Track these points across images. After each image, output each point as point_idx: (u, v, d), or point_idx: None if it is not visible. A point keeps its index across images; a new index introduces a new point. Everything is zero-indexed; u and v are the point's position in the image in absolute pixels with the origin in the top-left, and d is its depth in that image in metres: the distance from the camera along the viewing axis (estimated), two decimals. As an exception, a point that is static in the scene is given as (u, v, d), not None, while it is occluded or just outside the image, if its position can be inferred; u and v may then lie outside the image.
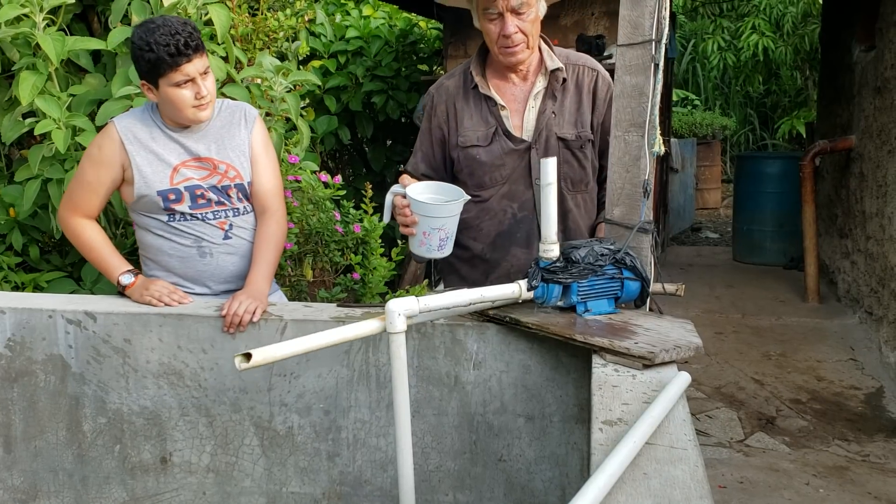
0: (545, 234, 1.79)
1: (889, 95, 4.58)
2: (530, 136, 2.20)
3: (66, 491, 2.13)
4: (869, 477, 3.13)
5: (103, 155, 2.14)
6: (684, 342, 1.64)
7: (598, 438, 1.28)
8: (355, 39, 5.40)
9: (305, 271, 3.33)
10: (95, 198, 2.18)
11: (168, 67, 2.00)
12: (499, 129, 2.20)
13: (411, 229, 1.98)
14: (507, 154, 2.20)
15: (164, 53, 1.98)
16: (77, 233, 2.20)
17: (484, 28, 2.12)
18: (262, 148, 2.27)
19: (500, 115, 2.20)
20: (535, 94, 2.20)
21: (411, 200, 1.95)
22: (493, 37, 2.10)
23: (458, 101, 2.24)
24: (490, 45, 2.14)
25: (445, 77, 2.33)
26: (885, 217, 4.56)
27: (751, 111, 13.31)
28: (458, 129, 2.23)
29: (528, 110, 2.20)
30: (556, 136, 2.19)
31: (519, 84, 2.22)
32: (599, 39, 5.04)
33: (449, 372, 1.93)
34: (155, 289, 2.09)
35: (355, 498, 2.03)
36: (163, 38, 1.97)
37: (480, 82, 2.21)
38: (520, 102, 2.21)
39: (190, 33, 2.01)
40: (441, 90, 2.29)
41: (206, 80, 2.08)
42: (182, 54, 1.99)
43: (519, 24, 2.07)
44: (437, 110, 2.27)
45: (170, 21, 2.02)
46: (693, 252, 8.07)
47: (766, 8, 11.00)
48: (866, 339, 4.81)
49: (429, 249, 1.99)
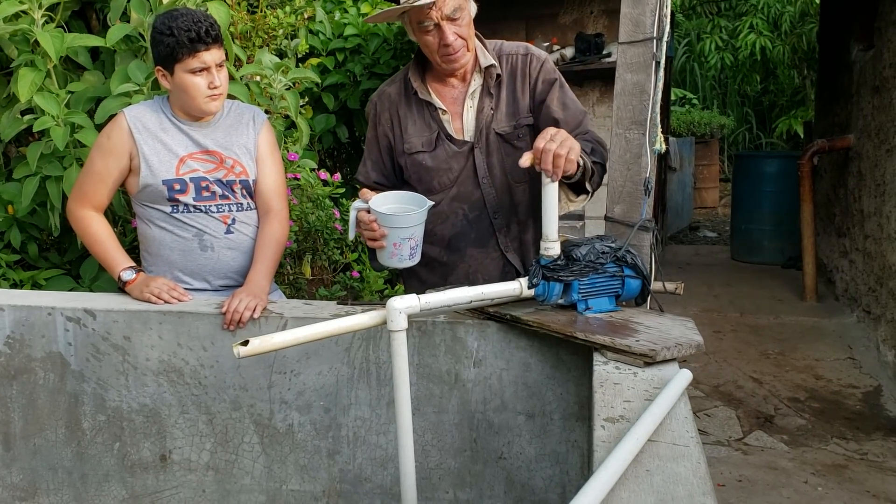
0: (546, 231, 1.79)
1: (887, 94, 4.59)
2: (472, 136, 2.17)
3: (65, 489, 2.13)
4: (867, 475, 3.14)
5: (112, 144, 2.16)
6: (685, 340, 1.64)
7: (601, 435, 1.28)
8: (353, 37, 5.39)
9: (304, 269, 3.33)
10: (104, 188, 2.20)
11: (186, 52, 2.05)
12: (441, 133, 2.17)
13: (381, 242, 1.95)
14: (452, 157, 2.17)
15: (185, 38, 2.04)
16: (84, 225, 2.22)
17: (421, 41, 2.08)
18: (268, 150, 2.30)
19: (441, 119, 2.18)
20: (472, 94, 2.18)
21: (377, 214, 1.93)
22: (432, 48, 2.07)
23: (400, 107, 2.22)
24: (431, 55, 2.10)
25: (386, 84, 2.32)
26: (883, 216, 4.57)
27: (748, 110, 13.33)
28: (402, 136, 2.21)
29: (467, 111, 2.18)
30: (495, 132, 2.16)
31: (458, 86, 2.19)
32: (598, 38, 5.03)
33: (449, 369, 1.93)
34: (155, 286, 2.09)
35: (355, 496, 2.03)
36: (185, 23, 2.04)
37: (420, 88, 2.18)
38: (458, 104, 2.19)
39: (211, 24, 2.09)
40: (383, 97, 2.26)
41: (220, 72, 2.13)
42: (201, 41, 2.05)
43: (456, 30, 2.04)
44: (380, 118, 2.25)
45: (193, 11, 2.10)
46: (691, 251, 8.08)
47: (763, 7, 11.02)
48: (864, 338, 4.82)
49: (401, 259, 1.98)
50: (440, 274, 2.26)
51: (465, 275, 2.22)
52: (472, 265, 2.23)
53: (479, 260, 2.22)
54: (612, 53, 4.94)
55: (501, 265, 2.24)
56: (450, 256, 2.24)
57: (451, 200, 2.20)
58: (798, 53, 10.80)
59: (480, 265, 2.22)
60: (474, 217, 2.21)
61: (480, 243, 2.22)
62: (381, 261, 2.02)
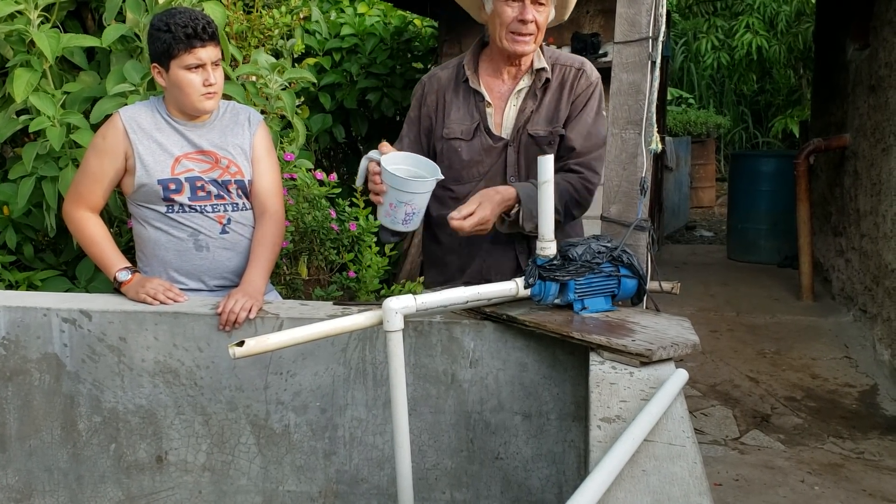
0: (542, 231, 1.78)
1: (883, 94, 4.59)
2: (509, 133, 2.20)
3: (60, 490, 2.12)
4: (864, 474, 3.14)
5: (107, 144, 2.16)
6: (681, 339, 1.64)
7: (597, 436, 1.28)
8: (350, 37, 5.39)
9: (301, 269, 3.33)
10: (99, 188, 2.20)
11: (182, 48, 2.07)
12: (481, 124, 2.20)
13: (379, 198, 1.98)
14: (486, 151, 2.20)
15: (181, 33, 2.06)
16: (80, 226, 2.22)
17: (498, 10, 2.08)
18: (264, 150, 2.31)
19: (485, 112, 2.21)
20: (518, 92, 2.20)
21: (383, 170, 1.94)
22: (506, 19, 2.07)
23: (448, 92, 2.25)
24: (498, 30, 2.11)
25: (440, 68, 2.34)
26: (880, 215, 4.57)
27: (745, 110, 13.35)
28: (444, 121, 2.24)
29: (509, 108, 2.21)
30: (528, 134, 2.18)
31: (508, 82, 2.22)
32: (595, 37, 5.04)
33: (446, 370, 1.93)
34: (150, 286, 2.09)
35: (352, 496, 2.02)
36: (182, 19, 2.07)
37: (472, 77, 2.21)
38: (503, 100, 2.22)
39: (208, 22, 2.11)
40: (433, 80, 2.29)
41: (216, 70, 2.14)
42: (198, 37, 2.07)
43: (536, 14, 2.07)
44: (426, 99, 2.28)
45: (191, 10, 2.12)
46: (688, 250, 8.09)
47: (759, 7, 11.03)
48: (860, 337, 4.82)
49: (393, 221, 1.99)
50: (457, 266, 2.29)
51: (480, 270, 2.24)
52: (487, 261, 2.25)
53: (494, 257, 2.24)
54: (609, 53, 4.95)
55: (515, 265, 2.25)
56: (468, 248, 2.26)
57: None
58: (794, 53, 10.82)
59: (496, 262, 2.24)
60: None
61: (498, 240, 2.23)
62: (378, 216, 2.05)
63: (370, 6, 5.80)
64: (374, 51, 5.40)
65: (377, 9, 5.82)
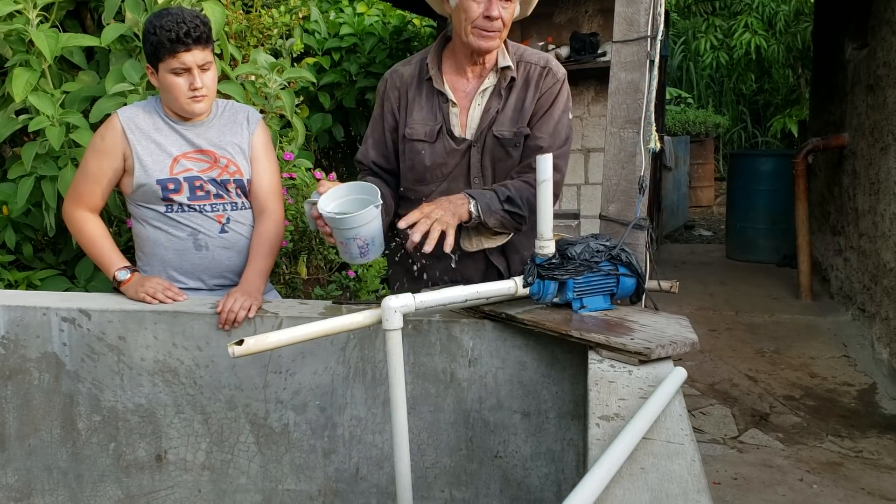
0: (541, 230, 1.78)
1: (881, 93, 4.60)
2: (473, 134, 2.16)
3: (60, 489, 2.12)
4: (862, 473, 3.15)
5: (106, 144, 2.16)
6: (680, 338, 1.65)
7: (595, 434, 1.28)
8: (349, 36, 5.40)
9: (300, 269, 3.33)
10: (98, 188, 2.20)
11: (166, 52, 2.06)
12: (444, 127, 2.16)
13: (332, 238, 1.95)
14: (449, 153, 2.16)
15: (165, 38, 2.04)
16: (79, 226, 2.22)
17: (464, 5, 2.05)
18: (262, 149, 2.30)
19: (449, 112, 2.16)
20: (482, 91, 2.16)
21: (322, 213, 1.91)
22: (472, 15, 2.04)
23: (410, 90, 2.20)
24: (463, 26, 2.07)
25: (401, 64, 2.29)
26: (878, 214, 4.58)
27: (743, 109, 13.35)
28: (406, 120, 2.19)
29: (474, 108, 2.17)
30: (494, 135, 2.15)
31: (472, 81, 2.18)
32: (593, 37, 5.04)
33: (445, 368, 1.93)
34: (150, 285, 2.09)
35: (351, 495, 2.03)
36: (168, 23, 2.04)
37: (435, 76, 2.17)
38: (468, 99, 2.18)
39: (197, 25, 2.06)
40: (395, 76, 2.24)
41: (204, 73, 2.12)
42: (181, 42, 2.04)
43: (502, 10, 2.03)
44: (389, 96, 2.23)
45: (182, 11, 2.08)
46: (686, 250, 8.10)
47: (758, 6, 11.03)
48: (859, 336, 4.83)
49: (351, 257, 1.96)
50: (418, 270, 2.21)
51: (443, 273, 2.19)
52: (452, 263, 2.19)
53: (460, 259, 2.18)
54: (607, 52, 4.95)
55: (484, 266, 2.23)
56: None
57: (440, 195, 2.16)
58: (793, 52, 10.82)
59: (461, 264, 2.18)
60: None
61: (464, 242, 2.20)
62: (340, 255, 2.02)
63: (369, 6, 5.80)
64: (373, 50, 5.40)
65: (376, 8, 5.82)
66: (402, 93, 2.21)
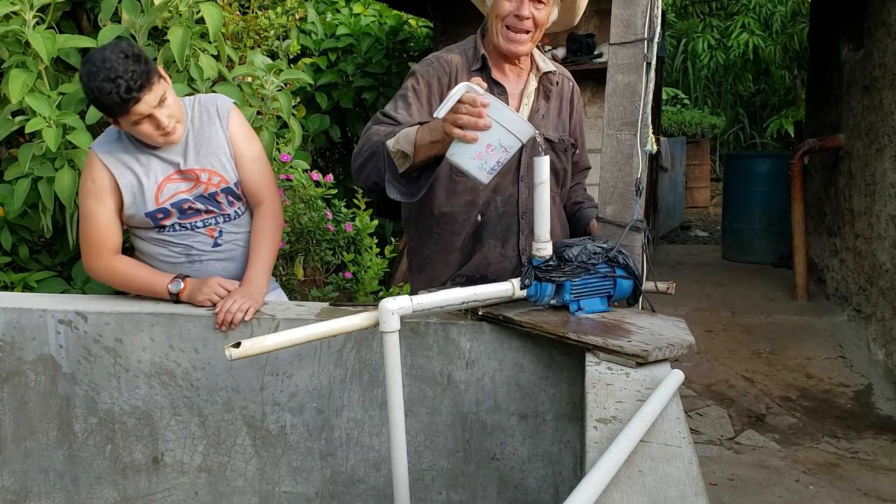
0: (538, 232, 1.79)
1: (877, 94, 4.61)
2: None
3: (56, 491, 2.12)
4: (858, 473, 3.16)
5: (97, 186, 2.11)
6: (677, 340, 1.65)
7: (593, 436, 1.28)
8: (346, 37, 5.40)
9: (297, 270, 3.33)
10: (111, 230, 2.14)
11: (118, 112, 1.97)
12: None
13: (474, 134, 1.69)
14: None
15: (109, 102, 1.93)
16: (110, 274, 2.15)
17: (497, 3, 2.02)
18: (243, 141, 2.21)
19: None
20: (529, 93, 2.16)
21: (493, 102, 1.68)
22: (502, 13, 2.01)
23: (461, 77, 2.09)
24: (494, 24, 2.04)
25: (445, 51, 2.19)
26: (874, 215, 4.59)
27: (740, 110, 13.39)
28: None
29: (522, 107, 2.16)
30: (544, 137, 2.16)
31: (513, 80, 2.17)
32: (590, 38, 5.04)
33: (442, 371, 1.93)
34: (206, 289, 2.05)
35: (348, 497, 2.03)
36: (105, 84, 1.91)
37: (491, 67, 2.12)
38: (516, 98, 2.16)
39: (132, 73, 1.92)
40: (442, 61, 2.13)
41: (163, 109, 2.02)
42: (127, 100, 1.94)
43: (535, 11, 2.01)
44: (440, 79, 2.11)
45: (110, 61, 1.92)
46: (683, 250, 8.11)
47: (755, 7, 11.06)
48: (855, 337, 4.84)
49: (481, 167, 1.73)
50: (456, 262, 2.20)
51: (478, 267, 2.17)
52: (488, 258, 2.18)
53: (496, 255, 2.18)
54: (604, 54, 4.95)
55: (515, 266, 2.22)
56: (471, 245, 2.19)
57: (489, 191, 2.14)
58: (789, 53, 10.84)
59: (496, 260, 2.18)
60: (504, 212, 2.18)
61: (502, 239, 2.19)
62: (456, 157, 1.75)
63: (365, 6, 5.81)
64: (369, 51, 5.40)
65: (372, 9, 5.83)
66: (452, 78, 2.11)
